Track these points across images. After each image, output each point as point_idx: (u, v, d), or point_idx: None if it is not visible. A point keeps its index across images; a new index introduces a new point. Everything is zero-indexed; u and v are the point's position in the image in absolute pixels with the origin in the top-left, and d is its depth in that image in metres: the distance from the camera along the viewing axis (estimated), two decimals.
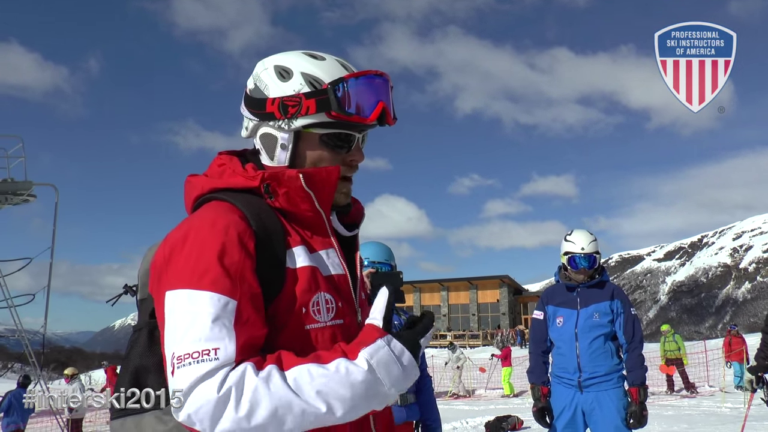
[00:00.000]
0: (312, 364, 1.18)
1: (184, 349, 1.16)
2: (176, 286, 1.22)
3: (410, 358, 1.24)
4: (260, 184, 1.36)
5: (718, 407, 13.39)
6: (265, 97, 1.40)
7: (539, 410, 4.61)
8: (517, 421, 11.41)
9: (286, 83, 1.38)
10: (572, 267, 4.57)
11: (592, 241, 4.59)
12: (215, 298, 1.19)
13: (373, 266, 3.64)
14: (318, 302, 1.35)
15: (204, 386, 1.12)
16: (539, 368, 4.68)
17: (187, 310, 1.19)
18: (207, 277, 1.21)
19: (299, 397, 1.14)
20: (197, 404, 1.12)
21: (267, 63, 1.44)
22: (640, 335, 4.49)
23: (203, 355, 1.14)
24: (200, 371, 1.13)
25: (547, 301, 4.73)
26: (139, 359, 1.38)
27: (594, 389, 4.41)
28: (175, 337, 1.18)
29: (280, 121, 1.39)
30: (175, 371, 1.15)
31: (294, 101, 1.36)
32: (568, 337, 4.50)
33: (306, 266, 1.35)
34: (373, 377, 1.19)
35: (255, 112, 1.43)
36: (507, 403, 16.93)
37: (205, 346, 1.15)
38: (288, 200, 1.37)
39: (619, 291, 4.62)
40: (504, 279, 52.75)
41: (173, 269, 1.24)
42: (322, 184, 1.38)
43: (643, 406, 4.34)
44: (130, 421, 1.37)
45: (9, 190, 17.59)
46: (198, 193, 1.41)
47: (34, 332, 19.60)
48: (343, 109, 1.35)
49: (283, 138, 1.40)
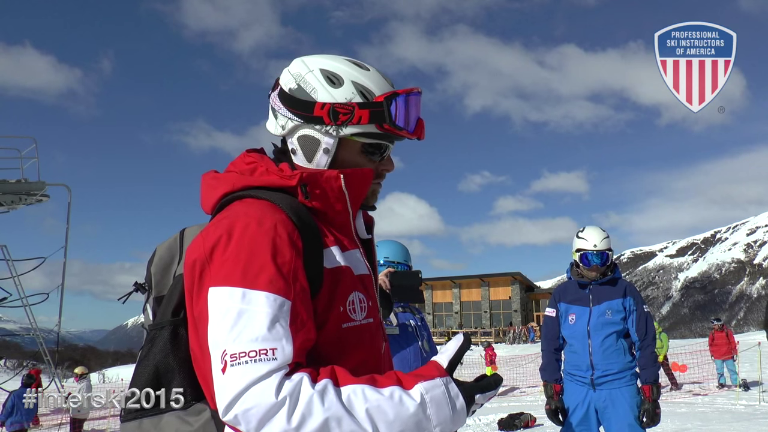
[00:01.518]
0: (367, 385, 1.17)
1: (239, 347, 1.13)
2: (226, 283, 1.19)
3: (463, 405, 1.23)
4: (298, 183, 1.36)
5: (733, 404, 13.30)
6: (312, 100, 1.40)
7: (552, 408, 4.60)
8: (530, 419, 11.38)
9: (336, 90, 1.40)
10: (584, 264, 4.55)
11: (604, 238, 4.56)
12: (272, 299, 1.18)
13: (391, 266, 3.64)
14: (353, 301, 1.37)
15: (259, 388, 1.10)
16: (552, 366, 4.66)
17: (242, 309, 1.16)
18: (262, 276, 1.19)
19: (351, 416, 1.13)
20: (249, 405, 1.10)
21: (311, 65, 1.43)
22: (653, 333, 4.46)
23: (261, 355, 1.12)
24: (258, 371, 1.11)
25: (559, 298, 4.71)
26: (161, 357, 1.36)
27: (607, 387, 4.39)
28: (228, 335, 1.15)
29: (328, 126, 1.39)
30: (228, 369, 1.12)
31: (346, 109, 1.38)
32: (581, 334, 4.48)
33: (342, 266, 1.37)
34: (423, 412, 1.18)
35: (299, 113, 1.41)
36: (520, 401, 16.88)
37: (262, 345, 1.13)
38: (323, 200, 1.38)
39: (632, 288, 4.60)
40: (516, 276, 52.64)
41: (220, 266, 1.21)
42: (358, 185, 1.41)
43: (656, 403, 4.31)
44: (147, 423, 1.35)
45: (23, 191, 17.77)
46: (227, 190, 1.39)
47: (48, 330, 19.82)
48: (395, 123, 1.39)
49: (327, 143, 1.41)
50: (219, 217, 1.32)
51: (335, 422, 1.11)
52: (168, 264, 1.48)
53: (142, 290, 1.52)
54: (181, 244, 1.49)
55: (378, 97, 1.39)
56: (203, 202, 1.45)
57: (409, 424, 1.16)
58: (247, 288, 1.18)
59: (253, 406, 1.09)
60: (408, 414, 1.16)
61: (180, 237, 1.51)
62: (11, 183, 17.73)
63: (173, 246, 1.50)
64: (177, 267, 1.47)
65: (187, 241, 1.47)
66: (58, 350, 20.47)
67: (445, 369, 1.25)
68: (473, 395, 1.25)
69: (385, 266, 3.62)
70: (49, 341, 19.56)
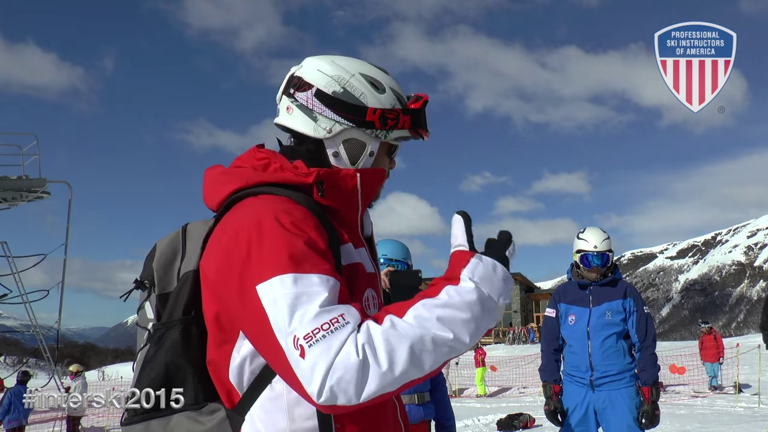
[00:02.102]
0: (423, 300, 1.21)
1: (310, 326, 1.12)
2: (273, 274, 1.17)
3: (504, 270, 1.28)
4: (314, 181, 1.36)
5: (732, 406, 13.30)
6: (363, 105, 1.42)
7: (551, 409, 4.60)
8: (529, 419, 11.39)
9: (382, 96, 1.44)
10: (585, 265, 4.55)
11: (605, 239, 4.56)
12: (324, 278, 1.18)
13: (391, 264, 3.64)
14: (368, 298, 1.40)
15: (343, 354, 1.10)
16: (551, 366, 4.65)
17: (298, 292, 1.15)
18: (306, 261, 1.19)
19: (427, 330, 1.16)
20: (340, 373, 1.09)
21: (349, 68, 1.45)
22: (653, 334, 4.44)
23: (333, 325, 1.13)
24: (338, 340, 1.11)
25: (559, 299, 4.71)
26: (172, 356, 1.33)
27: (606, 388, 4.38)
28: (293, 320, 1.13)
29: (378, 130, 1.44)
30: (307, 351, 1.11)
31: (394, 114, 1.44)
32: (580, 335, 4.48)
33: (356, 262, 1.38)
34: (482, 294, 1.22)
35: (351, 117, 1.42)
36: (519, 401, 16.89)
37: (331, 316, 1.14)
38: (338, 199, 1.39)
39: (632, 289, 4.59)
40: (516, 276, 52.56)
41: (260, 261, 1.20)
42: (372, 184, 1.44)
43: (655, 405, 4.30)
44: (155, 424, 1.32)
45: (24, 187, 17.78)
46: (240, 185, 1.37)
47: (48, 327, 19.84)
48: (427, 130, 1.50)
49: (373, 146, 1.46)
50: (237, 215, 1.30)
51: (419, 344, 1.14)
52: (170, 260, 1.43)
53: (143, 287, 1.47)
54: (184, 240, 1.44)
55: (414, 104, 1.47)
56: (208, 197, 1.43)
57: (477, 311, 1.21)
58: (296, 273, 1.17)
59: (344, 373, 1.09)
60: (472, 302, 1.20)
61: (183, 233, 1.46)
62: (12, 179, 17.73)
63: (175, 242, 1.45)
64: (181, 264, 1.42)
65: (190, 237, 1.43)
66: (58, 347, 20.48)
67: (468, 249, 1.29)
68: (504, 255, 1.31)
69: (385, 265, 3.62)
70: (49, 338, 19.59)
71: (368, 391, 1.10)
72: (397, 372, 1.12)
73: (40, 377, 32.00)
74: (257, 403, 1.29)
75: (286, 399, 1.28)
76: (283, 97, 1.49)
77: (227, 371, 1.31)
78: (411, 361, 1.13)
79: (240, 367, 1.29)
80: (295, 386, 1.15)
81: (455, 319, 1.18)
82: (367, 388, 1.10)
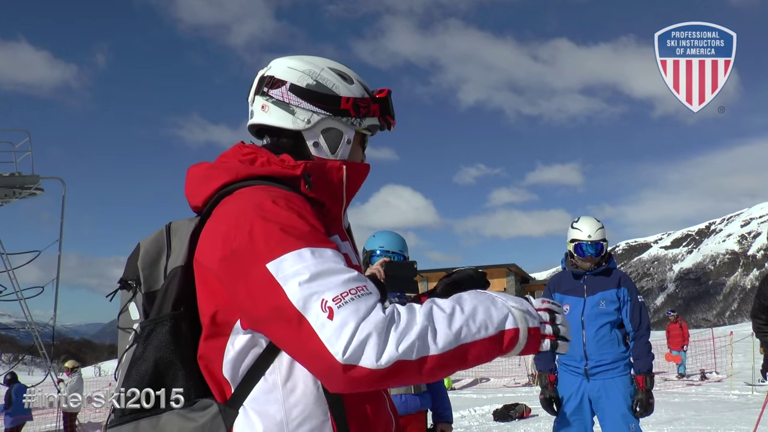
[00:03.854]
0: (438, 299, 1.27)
1: (337, 290, 1.15)
2: (287, 250, 1.19)
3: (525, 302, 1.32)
4: (302, 173, 1.39)
5: (726, 394, 13.40)
6: (337, 95, 1.49)
7: (547, 398, 4.63)
8: (525, 409, 11.45)
9: (351, 86, 1.52)
10: (579, 254, 4.56)
11: (599, 228, 4.57)
12: (337, 253, 1.24)
13: (387, 255, 3.65)
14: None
15: (372, 316, 1.14)
16: (546, 356, 4.64)
17: (319, 262, 1.19)
18: (319, 236, 1.25)
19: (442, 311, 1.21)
20: (368, 331, 1.12)
21: (317, 63, 1.52)
22: (647, 323, 4.47)
23: (360, 291, 1.17)
24: (367, 303, 1.16)
25: (553, 288, 4.73)
26: (162, 353, 1.30)
27: (601, 377, 4.40)
28: (320, 287, 1.16)
29: (353, 118, 1.51)
30: (336, 311, 1.13)
31: (364, 103, 1.52)
32: (575, 324, 4.48)
33: (344, 253, 1.37)
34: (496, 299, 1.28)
35: (326, 107, 1.48)
36: (515, 392, 16.97)
37: (358, 283, 1.18)
38: (324, 191, 1.42)
39: (626, 278, 4.61)
40: (511, 267, 52.66)
41: (268, 239, 1.21)
42: (357, 178, 1.50)
43: (649, 393, 4.33)
44: (145, 424, 1.29)
45: (17, 184, 17.68)
46: (230, 179, 1.37)
47: (43, 324, 19.74)
48: (394, 118, 1.58)
49: (350, 135, 1.52)
50: (231, 205, 1.30)
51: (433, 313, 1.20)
52: (155, 259, 1.42)
53: (128, 287, 1.45)
54: (168, 238, 1.43)
55: (380, 93, 1.56)
56: (193, 194, 1.43)
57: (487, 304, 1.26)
58: (313, 246, 1.21)
59: (372, 330, 1.12)
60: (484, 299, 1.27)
61: (167, 231, 1.45)
62: (5, 176, 17.61)
63: (159, 240, 1.44)
64: (167, 262, 1.41)
65: (175, 235, 1.42)
66: (54, 344, 20.40)
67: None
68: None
69: (381, 256, 3.63)
70: (45, 335, 19.50)
71: (393, 349, 1.12)
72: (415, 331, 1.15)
73: (37, 374, 31.96)
74: (251, 396, 1.29)
75: (281, 390, 1.28)
76: (257, 98, 1.52)
77: (220, 365, 1.30)
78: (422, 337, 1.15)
79: (234, 360, 1.29)
80: (313, 355, 1.14)
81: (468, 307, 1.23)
82: (393, 347, 1.12)
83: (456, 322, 1.19)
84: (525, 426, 10.37)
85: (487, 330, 1.21)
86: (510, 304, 1.27)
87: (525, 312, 1.27)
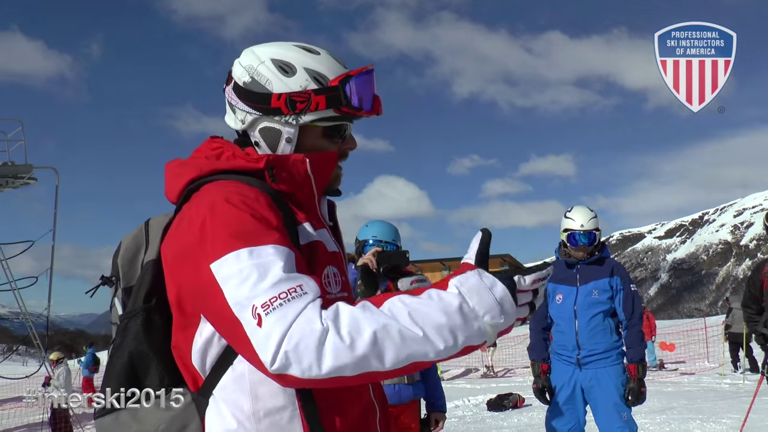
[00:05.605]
0: (401, 295, 1.16)
1: (267, 295, 1.12)
2: (228, 250, 1.18)
3: (504, 290, 1.17)
4: (265, 167, 1.37)
5: (718, 383, 13.49)
6: (268, 92, 1.40)
7: (539, 387, 4.65)
8: (519, 399, 11.48)
9: (290, 79, 1.40)
10: (572, 244, 4.57)
11: (592, 218, 4.58)
12: (279, 248, 1.19)
13: (379, 245, 3.65)
14: (328, 275, 1.40)
15: (302, 320, 1.09)
16: (539, 345, 4.69)
17: (255, 263, 1.16)
18: (261, 233, 1.21)
19: (396, 321, 1.11)
20: (297, 339, 1.07)
21: (262, 56, 1.43)
22: (639, 312, 4.48)
23: (291, 294, 1.12)
24: (296, 307, 1.10)
25: None
26: (135, 345, 1.35)
27: (593, 366, 4.42)
28: (252, 291, 1.13)
29: (287, 116, 1.40)
30: (264, 319, 1.10)
31: (303, 97, 1.38)
32: (568, 314, 4.51)
33: (316, 240, 1.39)
34: (466, 303, 1.14)
35: (257, 106, 1.41)
36: (509, 381, 17.04)
37: (290, 285, 1.13)
38: (290, 183, 1.39)
39: (619, 267, 4.61)
40: (505, 258, 52.73)
41: (214, 240, 1.21)
42: (323, 169, 1.43)
43: (641, 382, 4.35)
44: (125, 415, 1.34)
45: (9, 174, 17.57)
46: (195, 175, 1.38)
47: (37, 315, 19.68)
48: (352, 105, 1.40)
49: (288, 132, 1.42)
50: (193, 202, 1.32)
51: (383, 331, 1.10)
52: (134, 254, 1.46)
53: (110, 284, 1.49)
54: (147, 233, 1.48)
55: (332, 81, 1.40)
56: (168, 190, 1.44)
57: (454, 318, 1.13)
58: (252, 246, 1.18)
59: (300, 339, 1.08)
60: (451, 308, 1.13)
61: (145, 227, 1.49)
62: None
63: (139, 236, 1.49)
64: (144, 256, 1.45)
65: (152, 231, 1.46)
66: (48, 334, 20.36)
67: (473, 263, 1.21)
68: (512, 278, 1.19)
69: (374, 245, 3.63)
70: (39, 325, 19.44)
71: (324, 365, 1.08)
72: (357, 352, 1.08)
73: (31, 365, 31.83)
74: (219, 385, 1.31)
75: (248, 379, 1.29)
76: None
77: (190, 355, 1.32)
78: (372, 346, 1.09)
79: (202, 350, 1.31)
80: (251, 358, 1.14)
81: (428, 320, 1.12)
82: (323, 362, 1.08)
83: (412, 344, 1.11)
84: (518, 415, 10.41)
85: (448, 351, 1.14)
86: (485, 320, 1.15)
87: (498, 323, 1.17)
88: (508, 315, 1.17)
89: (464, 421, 10.32)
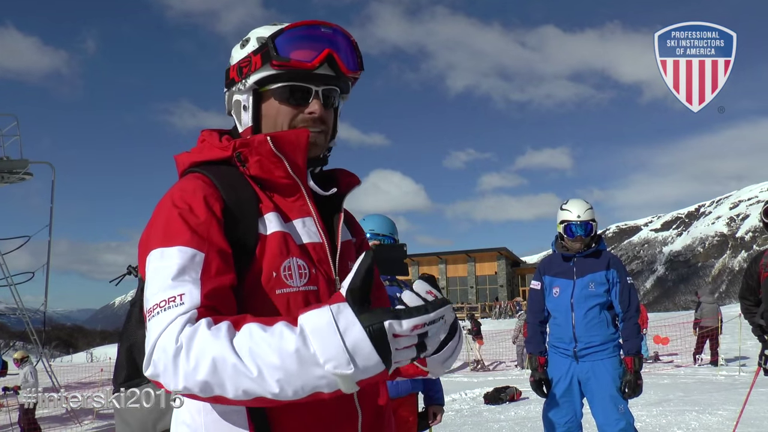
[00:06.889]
0: (258, 324, 1.08)
1: (154, 300, 1.17)
2: (152, 247, 1.25)
3: (361, 335, 1.01)
4: (232, 153, 1.40)
5: (713, 375, 13.54)
6: (229, 67, 1.49)
7: (536, 380, 4.67)
8: (516, 392, 11.53)
9: (243, 49, 1.47)
10: (568, 235, 4.58)
11: (588, 209, 4.59)
12: (183, 251, 1.22)
13: (377, 239, 3.65)
14: (289, 267, 1.34)
15: (167, 334, 1.12)
16: (536, 338, 4.70)
17: (158, 266, 1.22)
18: (176, 234, 1.25)
19: (235, 354, 1.05)
20: (159, 353, 1.11)
21: (244, 41, 1.51)
22: (636, 304, 4.49)
23: (169, 303, 1.15)
24: (167, 318, 1.13)
25: (544, 271, 4.75)
26: (132, 332, 1.43)
27: (589, 359, 4.43)
28: (148, 292, 1.20)
29: (239, 83, 1.45)
30: (147, 323, 1.17)
31: (246, 61, 1.44)
32: (564, 307, 4.52)
33: (277, 232, 1.36)
34: (305, 348, 1.03)
35: (225, 84, 1.51)
36: (506, 374, 17.08)
37: (171, 293, 1.17)
38: (260, 167, 1.40)
39: (616, 260, 4.63)
40: (501, 251, 52.85)
41: (149, 234, 1.29)
42: (292, 148, 1.38)
43: (638, 375, 4.36)
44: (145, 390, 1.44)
45: (5, 169, 17.51)
46: (181, 170, 1.46)
47: (34, 310, 19.67)
48: (281, 56, 1.38)
49: (244, 99, 1.46)
50: None
51: (221, 363, 1.05)
52: None
53: (135, 273, 1.58)
54: None
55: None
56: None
57: (289, 362, 1.03)
58: (164, 247, 1.23)
59: (162, 353, 1.11)
60: (287, 350, 1.03)
61: None
62: None
63: None
64: None
65: None
66: (45, 330, 20.36)
67: (342, 294, 1.07)
68: (383, 321, 1.02)
69: (371, 239, 3.63)
70: (36, 321, 19.44)
71: (179, 383, 1.09)
72: (198, 378, 1.06)
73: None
74: None
75: None
76: None
77: None
78: (211, 375, 1.06)
79: None
80: None
81: (264, 359, 1.04)
82: (177, 380, 1.09)
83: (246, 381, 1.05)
84: (515, 408, 10.45)
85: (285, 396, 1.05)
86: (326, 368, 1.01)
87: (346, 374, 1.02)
88: (363, 364, 1.01)
89: (461, 415, 10.36)
